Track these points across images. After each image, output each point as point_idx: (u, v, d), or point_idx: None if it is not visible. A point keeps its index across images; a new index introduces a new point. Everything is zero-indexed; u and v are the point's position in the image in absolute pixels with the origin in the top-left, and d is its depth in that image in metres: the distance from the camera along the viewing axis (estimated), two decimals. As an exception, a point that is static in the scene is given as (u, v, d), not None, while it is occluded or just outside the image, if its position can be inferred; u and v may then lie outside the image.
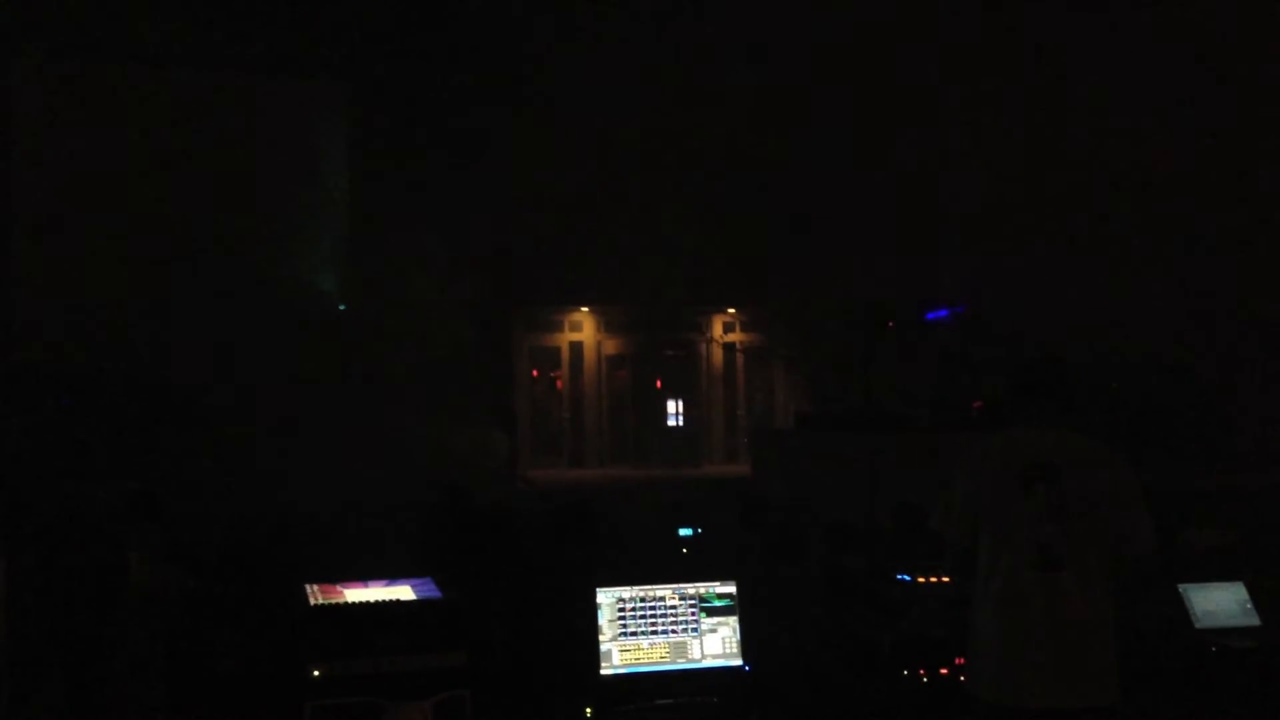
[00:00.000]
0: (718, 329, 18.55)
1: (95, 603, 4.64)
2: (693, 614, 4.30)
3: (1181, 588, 5.04)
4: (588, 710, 4.08)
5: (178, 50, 14.38)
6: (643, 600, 4.27)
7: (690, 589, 4.33)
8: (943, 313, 12.39)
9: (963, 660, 4.39)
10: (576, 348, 18.36)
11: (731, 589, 4.36)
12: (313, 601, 4.31)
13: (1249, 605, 5.04)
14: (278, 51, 14.59)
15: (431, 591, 4.46)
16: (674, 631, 4.27)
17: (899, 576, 5.15)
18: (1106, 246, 14.84)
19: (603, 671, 4.16)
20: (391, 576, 4.52)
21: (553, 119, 14.92)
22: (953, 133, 14.65)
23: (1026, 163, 14.19)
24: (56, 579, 4.72)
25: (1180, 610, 4.99)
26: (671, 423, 18.08)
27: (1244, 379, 15.06)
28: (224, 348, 13.90)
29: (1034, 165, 14.34)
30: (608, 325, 18.34)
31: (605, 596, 4.24)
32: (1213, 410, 14.47)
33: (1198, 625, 4.95)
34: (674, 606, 4.29)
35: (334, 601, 4.33)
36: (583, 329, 18.37)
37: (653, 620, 4.26)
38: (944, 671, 4.69)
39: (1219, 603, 5.01)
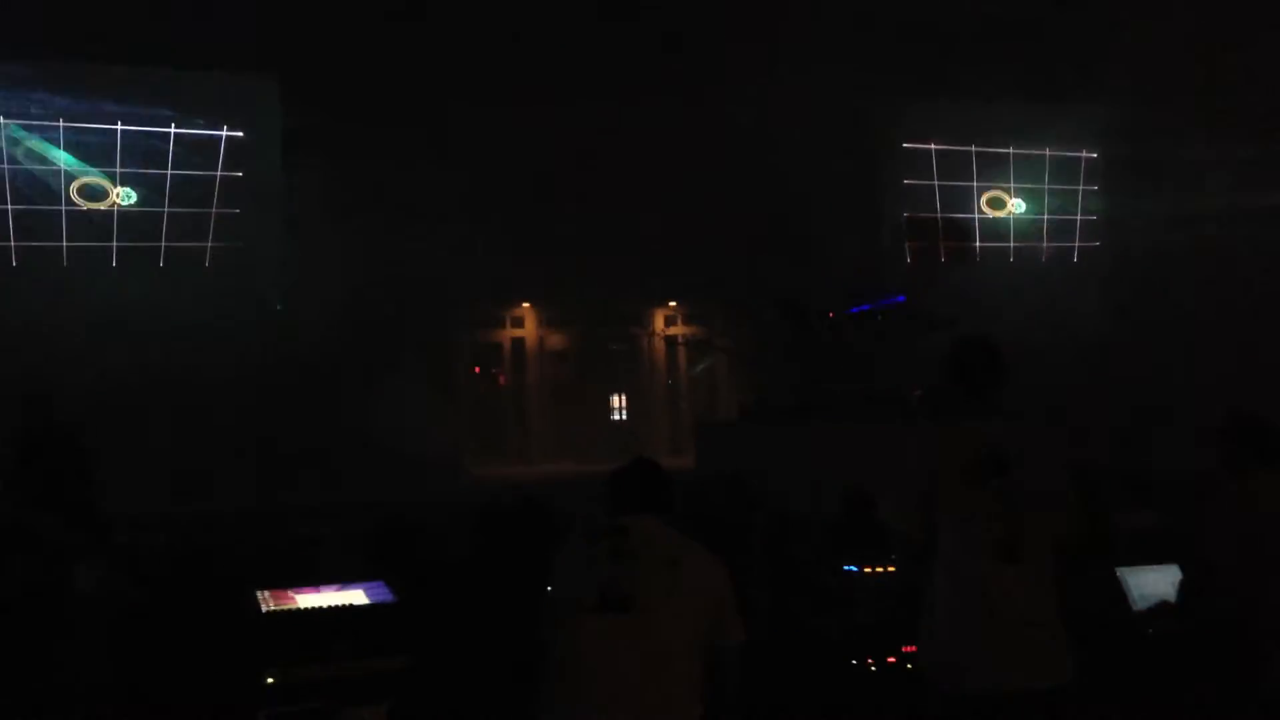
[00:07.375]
0: (659, 322, 18.59)
1: (38, 616, 4.56)
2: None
3: (1119, 571, 5.14)
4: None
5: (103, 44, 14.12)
6: (595, 598, 4.26)
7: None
8: (866, 306, 12.68)
9: (911, 649, 4.48)
10: (518, 343, 18.31)
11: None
12: (265, 608, 4.29)
13: (1185, 587, 5.14)
14: (210, 42, 14.32)
15: (384, 595, 4.46)
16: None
17: (845, 568, 5.21)
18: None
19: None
20: (344, 581, 4.51)
21: (500, 113, 14.88)
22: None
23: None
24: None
25: (1118, 593, 5.09)
26: (615, 417, 18.12)
27: (1174, 361, 15.46)
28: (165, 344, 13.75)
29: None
30: (549, 320, 18.32)
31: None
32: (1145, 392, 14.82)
33: (1136, 608, 5.04)
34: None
35: (286, 608, 4.31)
36: (524, 325, 18.32)
37: (605, 617, 4.25)
38: (891, 660, 4.77)
39: (1155, 585, 5.07)
